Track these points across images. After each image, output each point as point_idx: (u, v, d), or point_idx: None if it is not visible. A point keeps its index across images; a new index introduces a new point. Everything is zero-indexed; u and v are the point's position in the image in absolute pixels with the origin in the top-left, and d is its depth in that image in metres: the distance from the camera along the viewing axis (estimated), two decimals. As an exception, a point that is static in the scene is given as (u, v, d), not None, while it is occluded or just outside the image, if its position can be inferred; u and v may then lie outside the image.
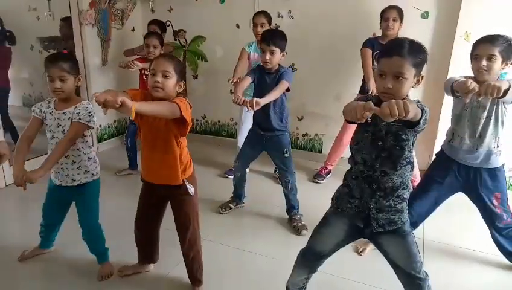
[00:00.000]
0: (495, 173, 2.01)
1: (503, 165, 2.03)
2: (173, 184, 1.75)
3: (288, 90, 2.40)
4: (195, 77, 4.20)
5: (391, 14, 2.93)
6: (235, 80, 2.85)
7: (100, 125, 3.89)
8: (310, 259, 1.60)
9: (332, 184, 2.92)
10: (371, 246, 2.29)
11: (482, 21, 2.90)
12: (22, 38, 3.88)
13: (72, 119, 1.82)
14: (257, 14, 3.17)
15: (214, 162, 3.62)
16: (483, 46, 1.84)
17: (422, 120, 1.23)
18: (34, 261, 2.16)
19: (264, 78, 2.43)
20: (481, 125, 1.95)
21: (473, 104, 1.95)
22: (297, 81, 3.63)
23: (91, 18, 3.63)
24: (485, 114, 1.93)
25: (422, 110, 1.21)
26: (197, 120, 4.36)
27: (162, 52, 3.12)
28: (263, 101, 2.19)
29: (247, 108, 2.13)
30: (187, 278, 1.94)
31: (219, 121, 4.24)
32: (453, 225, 2.61)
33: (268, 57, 2.33)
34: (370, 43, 3.03)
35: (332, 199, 1.58)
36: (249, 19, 3.72)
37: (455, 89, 1.82)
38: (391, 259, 1.49)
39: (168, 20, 4.13)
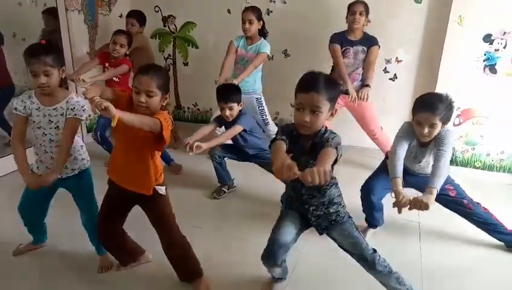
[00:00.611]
0: None
1: None
2: (143, 193, 1.72)
3: (244, 130, 2.59)
4: (186, 64, 4.13)
5: (358, 8, 2.93)
6: (222, 81, 2.89)
7: (89, 115, 3.80)
8: (276, 253, 1.64)
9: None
10: (370, 231, 2.33)
11: (475, 5, 2.89)
12: (4, 25, 3.72)
13: (66, 115, 1.78)
14: (245, 10, 3.06)
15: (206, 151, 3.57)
16: (426, 116, 1.88)
17: (338, 158, 1.39)
18: (29, 256, 2.12)
19: (227, 126, 2.64)
20: (419, 167, 2.13)
21: (411, 154, 2.07)
22: (290, 67, 3.62)
23: (77, 3, 3.50)
24: (421, 163, 2.09)
25: (336, 148, 1.37)
26: (188, 108, 4.30)
27: (128, 53, 3.10)
28: (206, 145, 2.37)
29: (190, 152, 2.30)
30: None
31: (211, 109, 4.18)
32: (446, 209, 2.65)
33: (228, 113, 2.54)
34: (338, 38, 3.00)
35: (281, 200, 1.77)
36: (241, 4, 3.65)
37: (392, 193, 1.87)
38: (339, 244, 1.67)
39: (157, 6, 4.03)
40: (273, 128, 3.32)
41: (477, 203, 2.20)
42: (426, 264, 2.13)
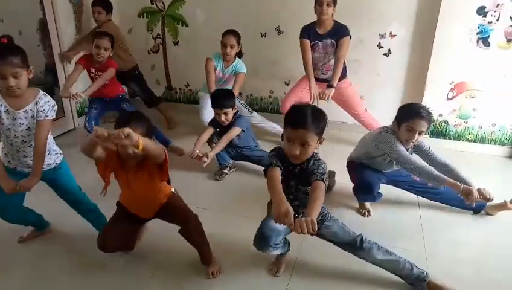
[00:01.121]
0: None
1: None
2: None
3: (242, 130, 2.75)
4: (176, 43, 4.02)
5: None
6: None
7: (79, 98, 3.70)
8: (268, 235, 1.71)
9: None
10: (368, 206, 2.38)
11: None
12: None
13: (36, 117, 1.73)
14: (226, 34, 3.12)
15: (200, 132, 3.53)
16: (418, 123, 2.01)
17: (325, 185, 1.53)
18: (34, 242, 2.11)
19: (224, 129, 2.74)
20: (393, 169, 2.26)
21: (388, 161, 2.18)
22: (285, 46, 3.57)
23: (60, -19, 3.35)
24: (398, 167, 2.20)
25: (323, 179, 1.52)
26: (179, 89, 4.22)
27: (111, 54, 3.03)
28: (213, 152, 2.62)
29: (203, 163, 2.53)
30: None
31: (203, 89, 4.12)
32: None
33: (223, 118, 2.66)
34: (306, 32, 3.02)
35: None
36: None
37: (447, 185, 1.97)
38: (329, 239, 1.78)
39: (143, -18, 3.88)
40: (256, 116, 3.40)
41: None
42: (425, 221, 2.29)
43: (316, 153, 1.62)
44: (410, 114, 2.03)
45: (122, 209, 1.85)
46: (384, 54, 3.40)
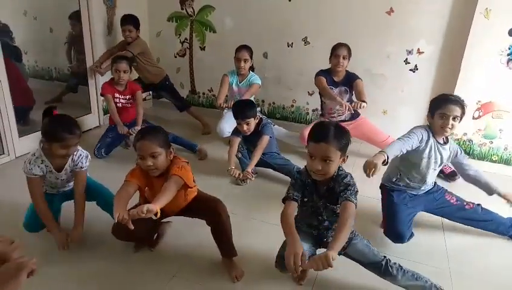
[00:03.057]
0: (435, 187, 2.26)
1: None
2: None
3: (270, 137, 2.83)
4: (203, 48, 4.08)
5: (342, 52, 3.03)
6: (224, 105, 3.23)
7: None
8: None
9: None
10: None
11: (502, -2, 2.87)
12: (13, 2, 3.68)
13: (73, 168, 1.93)
14: (240, 49, 3.29)
15: (225, 138, 3.56)
16: (452, 108, 1.97)
17: (355, 207, 1.51)
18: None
19: (249, 138, 2.83)
20: (434, 173, 2.16)
21: (430, 158, 2.08)
22: (311, 56, 3.60)
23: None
24: (438, 168, 2.15)
25: (352, 200, 1.50)
26: (203, 93, 4.27)
27: (130, 78, 3.14)
28: (251, 167, 2.72)
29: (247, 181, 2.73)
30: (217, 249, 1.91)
31: (226, 95, 4.15)
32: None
33: (245, 128, 2.72)
34: (323, 73, 3.14)
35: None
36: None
37: None
38: (355, 259, 1.71)
39: (175, -12, 3.97)
40: (278, 129, 3.44)
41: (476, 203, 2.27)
42: (449, 239, 2.25)
43: (341, 170, 1.60)
44: (441, 101, 2.02)
45: (144, 201, 1.82)
46: (410, 70, 3.40)
